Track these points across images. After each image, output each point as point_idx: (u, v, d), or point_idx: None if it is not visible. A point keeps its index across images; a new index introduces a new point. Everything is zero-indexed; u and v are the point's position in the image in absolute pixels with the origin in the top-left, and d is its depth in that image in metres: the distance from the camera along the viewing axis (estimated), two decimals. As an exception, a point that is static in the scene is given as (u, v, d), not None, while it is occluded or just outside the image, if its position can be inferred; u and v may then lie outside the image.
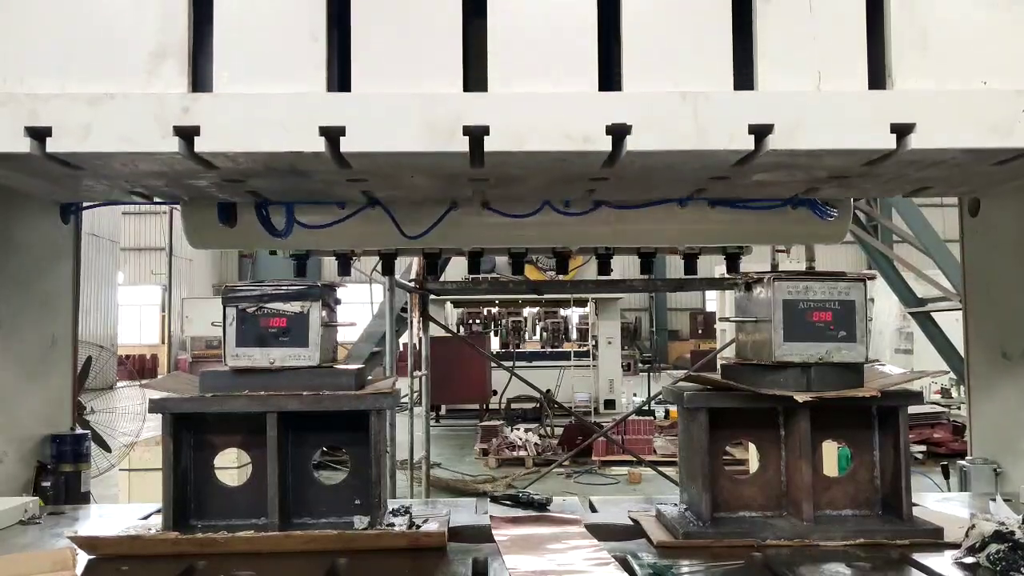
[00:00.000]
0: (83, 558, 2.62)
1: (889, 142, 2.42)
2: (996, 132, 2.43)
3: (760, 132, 2.41)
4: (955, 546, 2.62)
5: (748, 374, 2.98)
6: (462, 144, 2.39)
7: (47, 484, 3.75)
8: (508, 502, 3.37)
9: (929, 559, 2.59)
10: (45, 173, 2.70)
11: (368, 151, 2.41)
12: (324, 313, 2.89)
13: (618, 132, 2.40)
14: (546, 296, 19.13)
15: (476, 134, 2.38)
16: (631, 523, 3.08)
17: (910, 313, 13.46)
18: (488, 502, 3.42)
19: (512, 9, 2.47)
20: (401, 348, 12.67)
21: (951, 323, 10.84)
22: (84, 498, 4.00)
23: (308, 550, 2.70)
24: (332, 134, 2.38)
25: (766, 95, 2.47)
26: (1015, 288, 3.76)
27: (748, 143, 2.42)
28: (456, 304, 22.36)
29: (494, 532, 2.92)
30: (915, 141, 2.42)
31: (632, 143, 2.40)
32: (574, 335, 25.74)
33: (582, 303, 22.98)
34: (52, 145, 2.38)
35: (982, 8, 2.52)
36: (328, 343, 2.97)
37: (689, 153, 2.45)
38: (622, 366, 23.50)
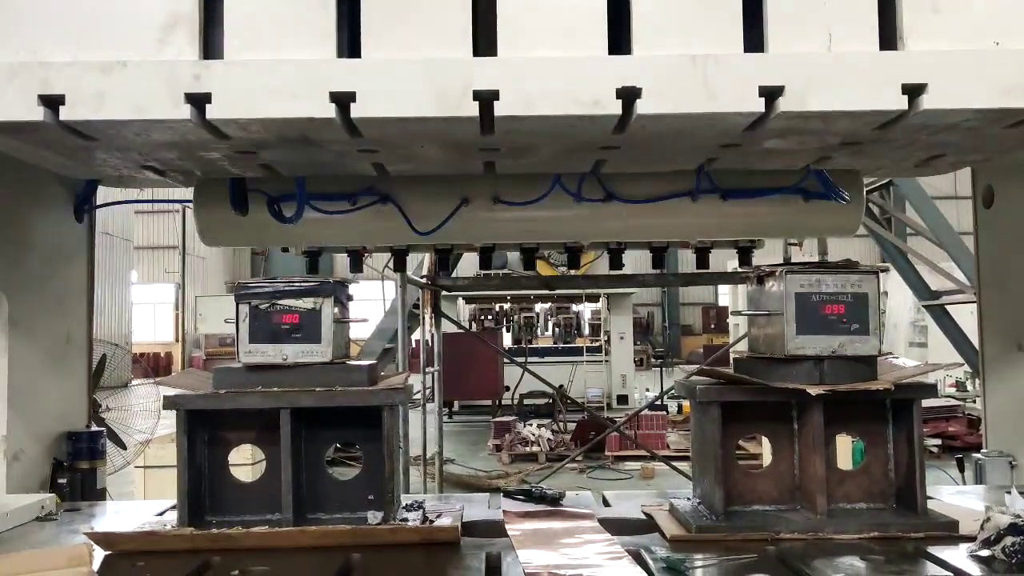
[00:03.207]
0: (99, 554, 2.64)
1: (901, 103, 2.41)
2: (1009, 93, 2.41)
3: (770, 94, 2.40)
4: (970, 539, 2.61)
5: (761, 368, 2.97)
6: (472, 109, 2.39)
7: (63, 481, 3.77)
8: (521, 497, 3.37)
9: (944, 552, 2.58)
10: (58, 144, 2.71)
11: (378, 116, 2.42)
12: (336, 309, 2.91)
13: (628, 95, 2.39)
14: (558, 291, 19.16)
15: (486, 99, 2.38)
16: (644, 517, 3.08)
17: (924, 306, 13.39)
18: (501, 497, 3.42)
19: None
20: (413, 344, 12.69)
21: (966, 316, 10.78)
22: (100, 495, 4.02)
23: (322, 545, 2.71)
24: (342, 100, 2.38)
25: (776, 57, 2.45)
26: (1030, 280, 3.74)
27: (759, 105, 2.41)
28: (468, 300, 22.40)
29: (507, 526, 2.92)
30: (927, 102, 2.40)
31: (642, 107, 2.39)
32: (586, 330, 25.73)
33: (594, 298, 22.99)
34: (66, 113, 2.38)
35: None
36: (340, 339, 2.98)
37: (699, 116, 2.45)
38: (634, 361, 23.51)
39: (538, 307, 25.43)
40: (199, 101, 2.38)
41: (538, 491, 3.38)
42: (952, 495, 3.40)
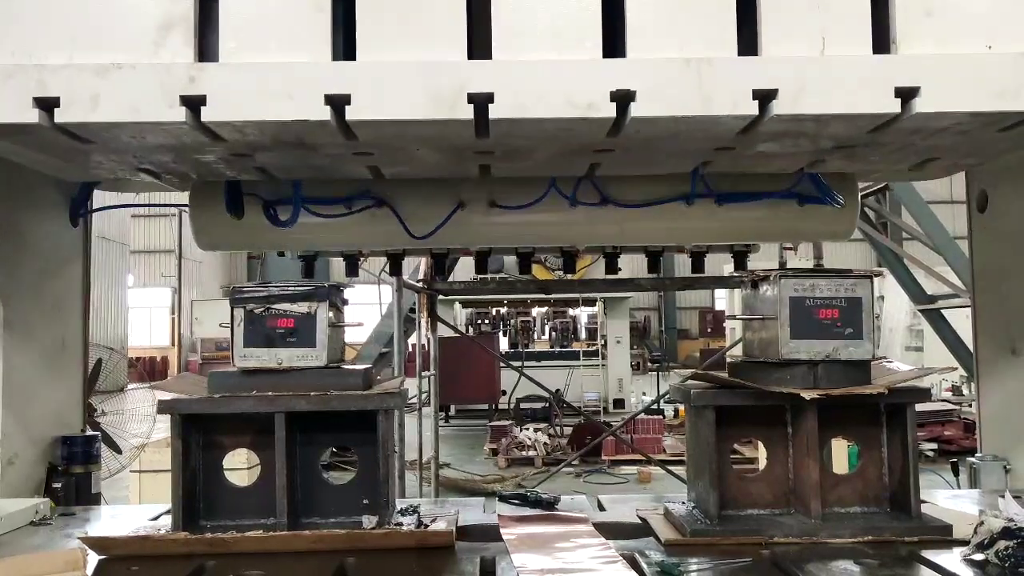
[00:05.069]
0: (93, 558, 2.63)
1: (894, 106, 2.42)
2: (1001, 96, 2.42)
3: (764, 97, 2.41)
4: (964, 543, 2.61)
5: (755, 372, 2.97)
6: (467, 111, 2.39)
7: (58, 485, 3.77)
8: (516, 501, 3.37)
9: (938, 556, 2.58)
10: (54, 147, 2.71)
11: (373, 119, 2.42)
12: (331, 313, 2.90)
13: (622, 99, 2.40)
14: (554, 296, 19.15)
15: (480, 102, 2.39)
16: (639, 521, 3.08)
17: (920, 310, 13.41)
18: (496, 501, 3.42)
19: None
20: (410, 349, 12.69)
21: (962, 320, 10.79)
22: (95, 499, 4.02)
23: (317, 549, 2.71)
24: (337, 103, 2.38)
25: (770, 60, 2.46)
26: (1024, 284, 3.74)
27: (752, 108, 2.42)
28: (464, 304, 22.39)
29: (502, 531, 2.92)
30: (920, 105, 2.41)
31: (636, 110, 2.40)
32: (583, 334, 25.77)
33: (591, 302, 22.99)
34: (60, 115, 2.38)
35: None
36: (335, 343, 2.98)
37: (693, 119, 2.46)
38: (631, 365, 23.51)
39: (535, 311, 25.47)
40: (194, 103, 2.38)
41: (533, 495, 3.38)
42: (947, 499, 3.40)
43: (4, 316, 3.43)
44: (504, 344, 24.22)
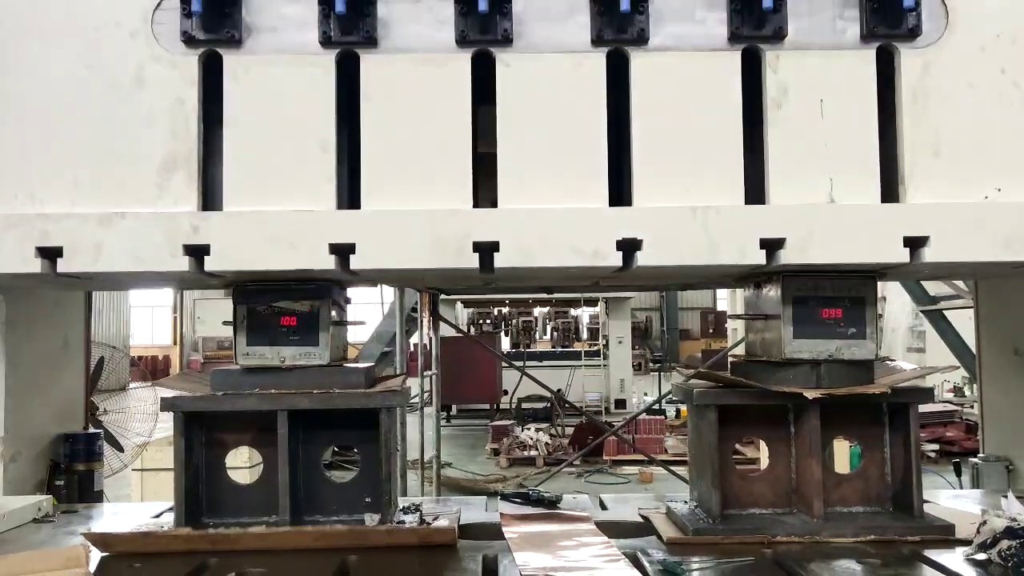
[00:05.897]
0: (96, 555, 2.64)
1: (903, 255, 2.41)
2: (1010, 246, 2.41)
3: (772, 246, 2.40)
4: (966, 543, 2.61)
5: (758, 371, 2.97)
6: (472, 260, 2.39)
7: (60, 483, 3.78)
8: (518, 500, 3.37)
9: (940, 555, 2.58)
10: (54, 283, 2.74)
11: (378, 268, 2.42)
12: (334, 311, 2.90)
13: (629, 247, 2.40)
14: (556, 296, 19.12)
15: (486, 249, 2.39)
16: (641, 520, 3.08)
17: (922, 311, 13.40)
18: (498, 500, 3.42)
19: (522, 125, 2.46)
20: (412, 348, 12.69)
21: (964, 321, 10.79)
22: (97, 497, 4.03)
23: (319, 547, 2.71)
24: (342, 251, 2.39)
25: (777, 209, 2.44)
26: (1027, 285, 3.74)
27: (759, 258, 2.41)
28: (466, 304, 22.42)
29: (504, 529, 2.92)
30: (929, 255, 2.40)
31: (643, 258, 2.40)
32: (585, 335, 25.78)
33: (592, 303, 23.02)
34: (63, 265, 2.38)
35: (995, 111, 2.48)
36: (338, 342, 2.98)
37: (700, 267, 2.47)
38: (633, 365, 23.50)
39: (536, 311, 25.50)
40: (197, 252, 2.38)
41: (535, 494, 3.38)
42: (949, 499, 3.39)
43: (7, 314, 3.44)
44: (506, 344, 24.24)
